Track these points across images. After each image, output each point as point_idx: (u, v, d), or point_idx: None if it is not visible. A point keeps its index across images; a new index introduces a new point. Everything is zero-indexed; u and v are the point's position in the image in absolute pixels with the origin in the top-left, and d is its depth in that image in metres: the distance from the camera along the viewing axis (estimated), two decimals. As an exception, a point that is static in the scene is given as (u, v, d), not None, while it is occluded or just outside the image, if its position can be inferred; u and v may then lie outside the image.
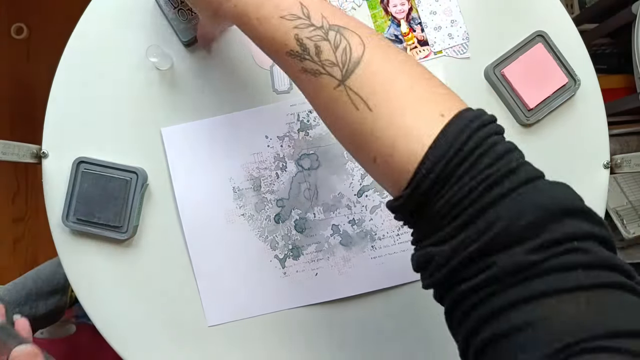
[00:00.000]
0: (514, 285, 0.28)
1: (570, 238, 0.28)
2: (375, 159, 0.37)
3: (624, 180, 1.23)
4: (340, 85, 0.37)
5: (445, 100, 0.36)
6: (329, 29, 0.38)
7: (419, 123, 0.34)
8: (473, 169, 0.31)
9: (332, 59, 0.38)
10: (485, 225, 0.30)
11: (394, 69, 0.37)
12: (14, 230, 1.46)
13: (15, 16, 1.51)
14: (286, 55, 0.40)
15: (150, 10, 0.63)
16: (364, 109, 0.36)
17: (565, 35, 0.63)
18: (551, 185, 0.32)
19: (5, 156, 0.59)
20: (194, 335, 0.61)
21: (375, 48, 0.37)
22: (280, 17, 0.40)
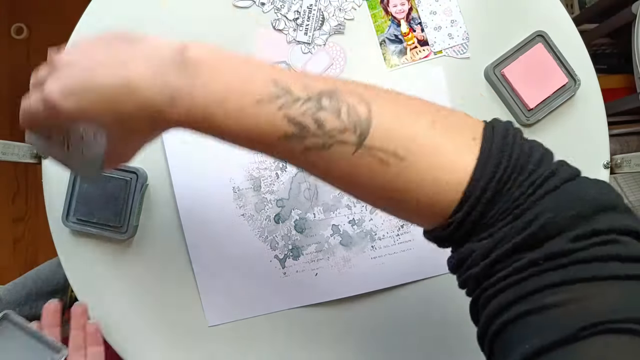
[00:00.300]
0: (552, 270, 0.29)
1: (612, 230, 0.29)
2: (418, 203, 0.35)
3: (624, 181, 1.23)
4: (360, 148, 0.34)
5: (468, 125, 0.35)
6: (320, 97, 0.34)
7: (457, 154, 0.34)
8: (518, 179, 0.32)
9: (340, 125, 0.34)
10: (532, 217, 0.31)
11: (408, 113, 0.35)
12: (14, 230, 1.46)
13: (15, 16, 1.51)
14: (280, 141, 0.35)
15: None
16: (395, 162, 0.34)
17: (565, 35, 0.63)
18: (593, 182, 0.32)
19: (5, 156, 0.59)
20: (194, 335, 0.61)
21: (378, 98, 0.35)
22: (256, 102, 0.34)
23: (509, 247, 0.31)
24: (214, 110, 0.34)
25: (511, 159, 0.32)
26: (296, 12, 0.64)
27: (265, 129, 0.34)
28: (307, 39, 0.64)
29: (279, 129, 0.34)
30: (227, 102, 0.34)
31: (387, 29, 0.64)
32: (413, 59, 0.64)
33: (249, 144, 0.36)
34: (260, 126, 0.34)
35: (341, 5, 0.64)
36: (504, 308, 0.31)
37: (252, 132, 0.35)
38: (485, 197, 0.32)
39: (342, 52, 0.64)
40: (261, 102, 0.34)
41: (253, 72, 0.35)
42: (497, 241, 0.32)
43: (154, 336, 0.61)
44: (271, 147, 0.36)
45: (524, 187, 0.32)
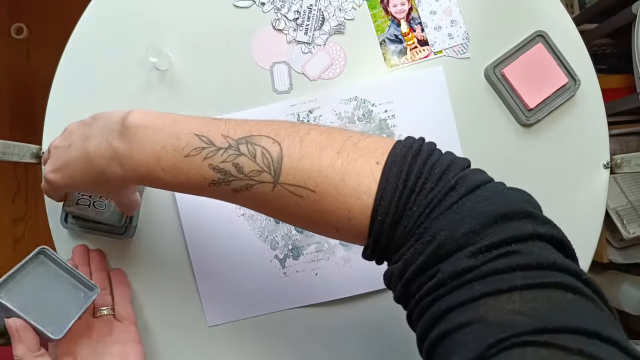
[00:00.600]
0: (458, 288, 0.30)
1: (507, 241, 0.30)
2: (337, 229, 0.38)
3: (624, 181, 1.23)
4: (276, 185, 0.38)
5: (374, 149, 0.37)
6: (238, 144, 0.39)
7: (360, 180, 0.36)
8: (419, 197, 0.34)
9: (256, 167, 0.38)
10: (430, 237, 0.33)
11: (314, 148, 0.38)
12: (14, 230, 1.46)
13: (15, 16, 1.51)
14: (210, 186, 0.40)
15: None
16: (307, 194, 0.38)
17: (565, 35, 0.63)
18: (492, 193, 0.33)
19: (5, 156, 0.59)
20: (194, 335, 0.61)
21: (288, 138, 0.39)
22: (184, 157, 0.40)
23: (415, 269, 0.33)
24: (153, 167, 0.41)
25: (409, 179, 0.35)
26: (296, 12, 0.64)
27: (196, 178, 0.40)
28: (307, 39, 0.64)
29: (207, 177, 0.40)
30: (161, 160, 0.40)
31: (387, 28, 0.64)
32: (413, 59, 0.64)
33: (188, 191, 0.42)
34: (191, 176, 0.40)
35: (341, 5, 0.64)
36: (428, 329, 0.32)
37: (185, 181, 0.40)
38: (388, 219, 0.35)
39: (342, 52, 0.64)
40: (188, 156, 0.40)
41: (179, 129, 0.40)
42: (406, 263, 0.34)
43: (153, 336, 0.61)
44: (206, 192, 0.41)
45: (422, 206, 0.34)
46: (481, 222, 0.31)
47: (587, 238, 0.63)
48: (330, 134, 0.39)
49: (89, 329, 0.54)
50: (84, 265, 0.58)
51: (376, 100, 0.63)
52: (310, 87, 0.63)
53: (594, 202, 0.63)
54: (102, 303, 0.57)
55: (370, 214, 0.36)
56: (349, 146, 0.38)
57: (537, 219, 0.32)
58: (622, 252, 1.26)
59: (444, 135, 0.63)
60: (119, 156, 0.41)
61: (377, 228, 0.35)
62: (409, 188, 0.34)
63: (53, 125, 0.63)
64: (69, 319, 0.50)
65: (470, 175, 0.35)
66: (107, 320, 0.56)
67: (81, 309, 0.52)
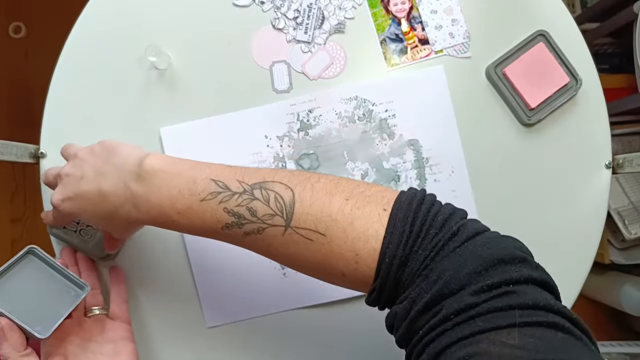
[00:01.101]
0: (460, 324, 0.32)
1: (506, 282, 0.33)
2: (343, 273, 0.40)
3: (626, 181, 1.22)
4: (287, 228, 0.40)
5: (381, 197, 0.40)
6: (252, 189, 0.41)
7: (368, 225, 0.38)
8: (424, 241, 0.37)
9: (269, 211, 0.41)
10: (435, 277, 0.35)
11: (325, 194, 0.40)
12: (12, 231, 1.45)
13: (13, 15, 1.50)
14: (223, 229, 0.42)
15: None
16: (317, 237, 0.40)
17: (566, 34, 0.63)
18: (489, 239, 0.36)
19: (3, 156, 0.58)
20: (193, 336, 0.61)
21: (300, 185, 0.41)
22: (201, 201, 0.42)
23: (422, 306, 0.35)
24: (168, 210, 0.43)
25: (414, 224, 0.37)
26: (296, 10, 0.63)
27: (210, 221, 0.42)
28: (307, 38, 0.63)
29: (221, 220, 0.42)
30: (177, 203, 0.43)
31: (387, 27, 0.64)
32: (414, 58, 0.63)
33: (200, 234, 0.44)
34: (206, 220, 0.42)
35: (341, 4, 0.64)
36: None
37: (199, 224, 0.43)
38: (395, 262, 0.37)
39: (343, 51, 0.63)
40: (204, 200, 0.42)
41: (196, 175, 0.43)
42: (412, 302, 0.36)
43: (153, 337, 0.61)
44: (217, 235, 0.43)
45: (427, 249, 0.36)
46: (482, 264, 0.34)
47: (589, 238, 0.63)
48: (339, 182, 0.42)
49: (80, 328, 0.54)
50: (73, 266, 0.58)
51: (376, 100, 0.63)
52: (310, 87, 0.63)
53: (595, 203, 0.63)
54: (93, 303, 0.56)
55: (377, 257, 0.38)
56: (357, 194, 0.40)
57: (530, 265, 0.35)
58: (623, 252, 1.26)
59: (445, 135, 0.62)
60: (135, 198, 0.43)
61: (385, 270, 0.37)
62: (414, 233, 0.37)
63: (51, 125, 0.62)
64: (57, 318, 0.50)
65: (470, 223, 0.38)
66: (99, 319, 0.56)
67: (70, 307, 0.51)
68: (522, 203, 0.63)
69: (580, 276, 0.63)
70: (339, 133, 0.62)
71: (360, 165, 0.62)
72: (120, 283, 0.58)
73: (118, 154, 0.46)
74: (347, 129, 0.62)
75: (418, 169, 0.62)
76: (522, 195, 0.63)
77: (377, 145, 0.62)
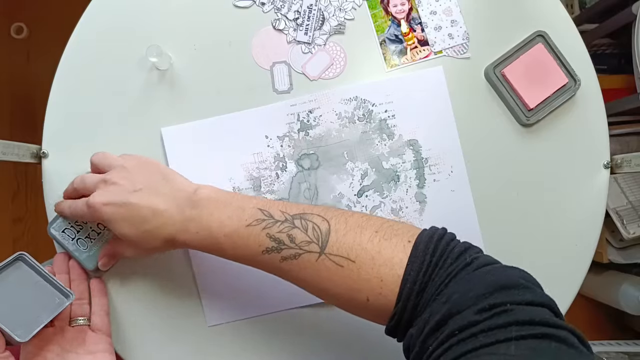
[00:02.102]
0: (465, 340, 0.36)
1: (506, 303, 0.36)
2: (368, 299, 0.44)
3: (624, 181, 1.23)
4: (321, 255, 0.45)
5: (406, 231, 0.45)
6: (293, 219, 0.47)
7: (394, 254, 0.43)
8: (440, 270, 0.41)
9: (307, 239, 0.45)
10: (445, 299, 0.39)
11: (357, 226, 0.45)
12: (14, 230, 1.45)
13: (15, 16, 1.51)
14: (263, 253, 0.47)
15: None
16: (348, 264, 0.44)
17: (565, 35, 0.63)
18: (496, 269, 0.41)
19: (5, 156, 0.59)
20: (193, 335, 0.61)
21: (335, 218, 0.46)
22: (247, 226, 0.47)
23: (433, 325, 0.38)
24: (216, 232, 0.48)
25: (434, 255, 0.42)
26: (296, 12, 0.64)
27: (252, 245, 0.47)
28: (307, 38, 0.64)
29: (262, 244, 0.47)
30: (225, 227, 0.48)
31: (387, 28, 0.64)
32: (413, 59, 0.64)
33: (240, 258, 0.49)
34: (249, 243, 0.47)
35: (341, 5, 0.64)
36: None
37: (242, 248, 0.48)
38: (416, 288, 0.41)
39: (343, 52, 0.64)
40: (250, 225, 0.47)
41: (244, 204, 0.49)
42: (425, 322, 0.39)
43: (153, 336, 0.61)
44: (256, 259, 0.48)
45: (442, 277, 0.40)
46: (486, 288, 0.38)
47: (587, 238, 0.63)
48: (370, 218, 0.47)
49: (62, 337, 0.54)
50: (64, 274, 0.58)
51: (376, 100, 0.63)
52: (311, 87, 0.63)
53: (594, 202, 0.63)
54: (79, 313, 0.56)
55: (400, 282, 0.42)
56: (386, 227, 0.45)
57: (532, 291, 0.38)
58: (622, 252, 1.26)
59: (444, 135, 0.63)
60: (188, 221, 0.49)
61: (406, 294, 0.41)
62: (433, 262, 0.41)
63: (53, 125, 0.63)
64: (38, 324, 0.50)
65: (482, 257, 0.42)
66: (82, 330, 0.56)
67: (52, 314, 0.52)
68: (521, 203, 0.63)
69: (579, 275, 0.63)
70: (339, 133, 0.63)
71: (360, 165, 0.62)
72: (102, 295, 0.58)
73: (173, 180, 0.52)
74: (347, 130, 0.63)
75: (417, 169, 0.63)
76: (520, 194, 0.63)
77: (377, 145, 0.63)
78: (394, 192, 0.62)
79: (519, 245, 0.63)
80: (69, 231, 0.58)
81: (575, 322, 1.41)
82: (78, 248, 0.57)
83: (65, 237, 0.58)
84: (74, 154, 0.61)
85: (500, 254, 0.62)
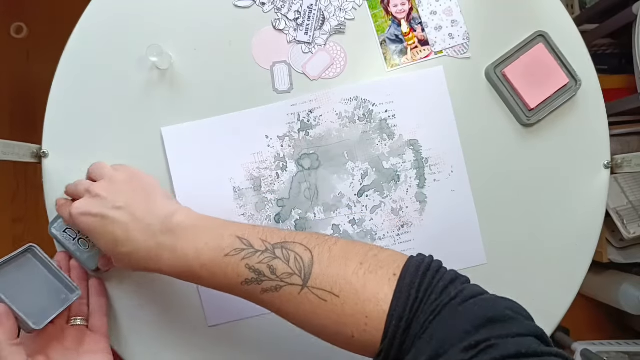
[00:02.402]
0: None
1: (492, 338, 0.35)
2: (353, 335, 0.42)
3: (625, 181, 1.23)
4: (304, 288, 0.43)
5: (392, 262, 0.43)
6: (274, 248, 0.44)
7: (379, 288, 0.41)
8: (425, 306, 0.39)
9: (288, 270, 0.43)
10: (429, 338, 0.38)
11: (341, 257, 0.43)
12: (14, 230, 1.45)
13: (15, 15, 1.51)
14: (242, 285, 0.45)
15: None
16: (331, 298, 0.42)
17: (566, 35, 0.63)
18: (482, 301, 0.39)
19: (5, 156, 0.59)
20: (194, 335, 0.61)
21: (318, 247, 0.44)
22: (225, 256, 0.45)
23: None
24: (192, 261, 0.46)
25: (420, 290, 0.40)
26: (296, 12, 0.64)
27: (231, 275, 0.45)
28: (308, 38, 0.64)
29: (241, 275, 0.44)
30: (202, 256, 0.45)
31: (387, 28, 0.64)
32: (414, 59, 0.64)
33: (219, 287, 0.47)
34: (227, 273, 0.45)
35: (342, 5, 0.64)
36: None
37: (220, 278, 0.45)
38: (402, 324, 0.39)
39: (343, 52, 0.64)
40: (228, 255, 0.45)
41: (222, 231, 0.46)
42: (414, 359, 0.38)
43: (153, 336, 0.61)
44: (235, 290, 0.46)
45: (427, 313, 0.39)
46: (471, 324, 0.36)
47: (587, 238, 0.63)
48: (355, 246, 0.45)
49: (62, 335, 0.54)
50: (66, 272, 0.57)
51: (377, 100, 0.63)
52: (311, 87, 0.63)
53: (594, 202, 0.63)
54: (77, 312, 0.56)
55: (385, 319, 0.40)
56: (371, 258, 0.43)
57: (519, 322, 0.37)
58: (622, 252, 1.26)
59: (444, 135, 0.63)
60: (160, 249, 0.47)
61: (392, 332, 0.40)
62: (419, 299, 0.40)
63: (53, 125, 0.63)
64: (48, 315, 0.51)
65: (468, 288, 0.40)
66: (80, 330, 0.56)
67: (62, 307, 0.53)
68: (521, 202, 0.63)
69: (579, 275, 0.63)
70: (339, 133, 0.63)
71: (360, 165, 0.62)
72: (101, 296, 0.58)
73: (153, 202, 0.49)
74: (347, 129, 0.63)
75: (418, 169, 0.63)
76: (521, 194, 0.63)
77: (377, 145, 0.63)
78: (394, 192, 0.62)
79: (519, 245, 0.63)
80: (70, 231, 0.58)
81: (575, 322, 1.41)
82: (79, 248, 0.57)
83: (66, 237, 0.57)
84: (74, 154, 0.61)
85: (500, 254, 0.63)
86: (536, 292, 0.62)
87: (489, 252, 0.62)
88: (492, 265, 0.62)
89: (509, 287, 0.62)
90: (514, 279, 0.62)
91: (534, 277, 0.62)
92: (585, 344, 1.23)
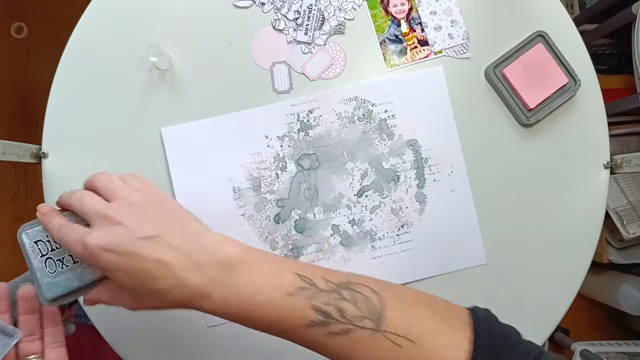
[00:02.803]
0: None
1: None
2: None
3: (624, 181, 1.23)
4: (377, 332, 0.39)
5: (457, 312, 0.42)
6: (340, 288, 0.40)
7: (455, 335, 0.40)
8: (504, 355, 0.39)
9: (359, 313, 0.40)
10: None
11: (410, 302, 0.42)
12: (14, 230, 1.45)
13: (15, 15, 1.51)
14: (306, 327, 0.40)
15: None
16: (406, 344, 0.39)
17: (565, 35, 0.63)
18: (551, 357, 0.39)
19: (5, 156, 0.59)
20: (193, 335, 0.61)
21: (385, 290, 0.41)
22: (286, 295, 0.40)
23: None
24: (247, 301, 0.40)
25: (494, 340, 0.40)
26: (296, 12, 0.64)
27: (294, 317, 0.40)
28: (307, 38, 0.64)
29: (307, 317, 0.39)
30: (259, 295, 0.39)
31: (387, 28, 0.64)
32: (413, 59, 0.64)
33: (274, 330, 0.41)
34: (288, 315, 0.40)
35: (341, 5, 0.64)
36: None
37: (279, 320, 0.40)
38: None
39: (343, 52, 0.64)
40: (291, 294, 0.40)
41: (281, 268, 0.41)
42: None
43: (153, 336, 0.61)
44: (294, 334, 0.41)
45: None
46: None
47: (587, 238, 0.63)
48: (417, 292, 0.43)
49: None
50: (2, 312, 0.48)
51: (376, 100, 0.63)
52: (311, 87, 0.63)
53: (593, 202, 0.63)
54: (27, 351, 0.47)
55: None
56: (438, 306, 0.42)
57: None
58: (621, 252, 1.26)
59: (444, 135, 0.63)
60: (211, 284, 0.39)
61: None
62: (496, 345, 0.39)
63: (53, 125, 0.63)
64: None
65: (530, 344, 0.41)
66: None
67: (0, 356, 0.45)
68: (521, 203, 0.63)
69: (579, 275, 0.63)
70: (338, 133, 0.63)
71: (360, 165, 0.62)
72: (55, 324, 0.49)
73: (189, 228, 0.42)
74: (347, 130, 0.63)
75: (417, 169, 0.63)
76: (520, 195, 0.63)
77: (377, 145, 0.63)
78: (394, 192, 0.62)
79: (519, 245, 0.63)
80: (42, 245, 0.46)
81: (576, 322, 1.41)
82: (43, 268, 0.45)
83: (34, 250, 0.45)
84: (74, 154, 0.61)
85: (501, 254, 0.63)
86: (536, 292, 0.62)
87: (489, 252, 0.62)
88: (492, 265, 0.62)
89: (509, 287, 0.62)
90: (514, 279, 0.62)
91: (534, 277, 0.62)
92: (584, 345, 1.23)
